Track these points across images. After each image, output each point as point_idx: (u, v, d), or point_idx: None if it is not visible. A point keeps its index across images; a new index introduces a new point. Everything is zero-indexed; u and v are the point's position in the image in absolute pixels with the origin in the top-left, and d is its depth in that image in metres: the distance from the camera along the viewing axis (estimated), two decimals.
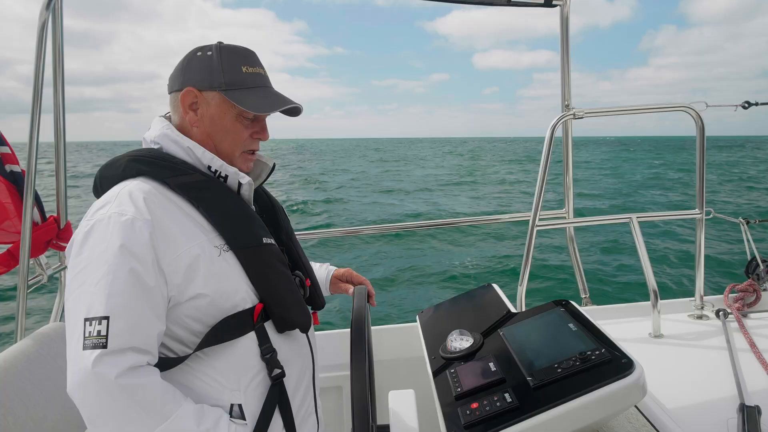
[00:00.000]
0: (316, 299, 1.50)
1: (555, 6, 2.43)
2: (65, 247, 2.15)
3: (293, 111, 1.39)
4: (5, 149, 1.92)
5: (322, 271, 1.82)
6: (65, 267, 2.22)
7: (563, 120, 2.19)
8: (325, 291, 1.78)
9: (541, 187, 2.18)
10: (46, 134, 2.01)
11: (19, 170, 1.95)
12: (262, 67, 1.36)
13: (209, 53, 1.30)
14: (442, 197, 22.82)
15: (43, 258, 2.10)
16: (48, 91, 1.95)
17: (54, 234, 2.07)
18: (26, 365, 1.62)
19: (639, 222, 2.19)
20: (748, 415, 1.38)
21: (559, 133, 2.18)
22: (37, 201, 1.98)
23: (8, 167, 1.93)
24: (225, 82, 1.28)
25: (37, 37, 1.87)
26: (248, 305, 1.23)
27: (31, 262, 1.99)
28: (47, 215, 2.06)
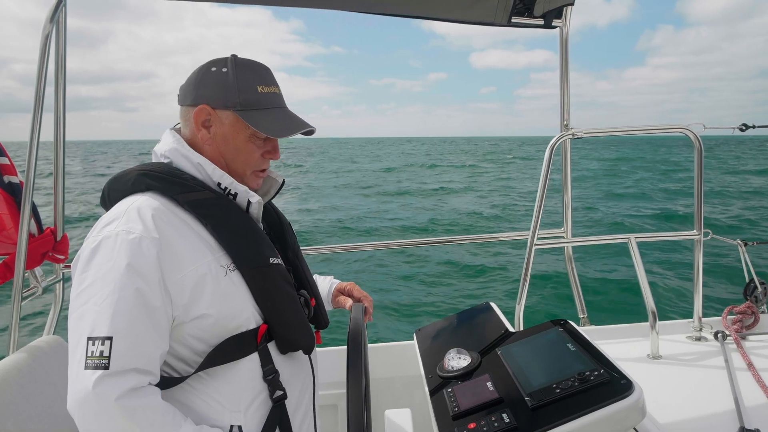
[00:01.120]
0: (320, 318, 1.48)
1: (555, 27, 2.46)
2: (61, 260, 2.15)
3: (307, 132, 1.37)
4: (4, 160, 1.92)
5: (325, 284, 1.79)
6: (60, 279, 2.21)
7: (562, 139, 2.20)
8: (328, 305, 1.76)
9: (540, 206, 2.18)
10: (45, 137, 2.01)
11: (18, 181, 1.95)
12: (277, 86, 1.35)
13: (224, 69, 1.27)
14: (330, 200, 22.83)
15: (38, 270, 2.08)
16: (48, 98, 1.95)
17: (50, 246, 2.06)
18: (18, 379, 1.60)
19: (637, 243, 2.19)
20: None
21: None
22: (35, 213, 1.97)
23: (6, 178, 1.92)
24: (240, 102, 1.26)
25: (40, 50, 1.88)
26: (252, 326, 1.22)
27: (26, 274, 1.98)
28: (44, 227, 2.05)
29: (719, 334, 2.11)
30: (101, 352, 1.03)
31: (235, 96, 1.26)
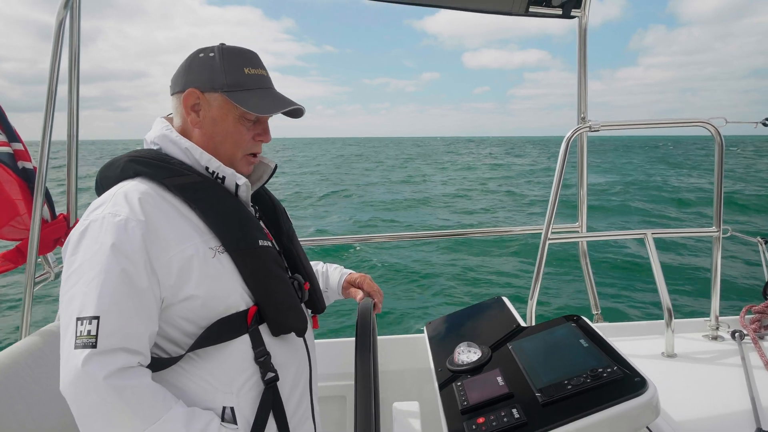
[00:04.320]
0: (316, 303, 1.49)
1: (573, 17, 2.41)
2: None
3: (296, 113, 1.38)
4: (18, 146, 1.93)
5: (336, 273, 1.79)
6: None
7: (579, 132, 2.16)
8: (337, 294, 1.76)
9: (555, 199, 2.15)
10: (58, 133, 2.03)
11: (32, 167, 1.96)
12: (264, 69, 1.36)
13: (211, 54, 1.29)
14: None
15: (51, 256, 2.10)
16: (60, 89, 1.96)
17: (63, 232, 2.07)
18: (30, 362, 1.61)
19: (654, 238, 2.14)
20: None
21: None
22: (48, 198, 1.98)
23: (20, 164, 1.93)
24: (227, 83, 1.28)
25: (54, 35, 1.88)
26: (242, 307, 1.23)
27: (39, 259, 1.99)
28: (57, 213, 2.06)
29: (736, 334, 2.06)
30: (89, 332, 1.05)
31: (222, 78, 1.28)
